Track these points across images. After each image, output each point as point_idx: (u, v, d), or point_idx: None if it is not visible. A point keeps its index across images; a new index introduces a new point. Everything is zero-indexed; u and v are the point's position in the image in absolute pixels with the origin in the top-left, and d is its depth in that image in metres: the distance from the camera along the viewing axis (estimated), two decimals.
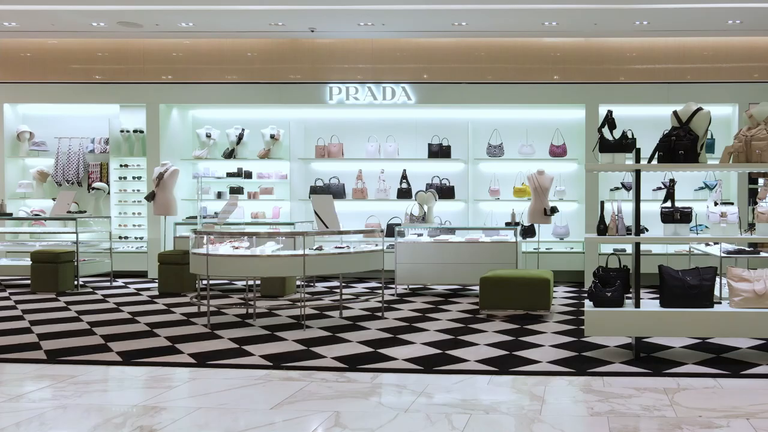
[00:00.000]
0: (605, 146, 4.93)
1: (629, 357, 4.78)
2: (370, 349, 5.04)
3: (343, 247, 6.32)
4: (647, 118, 8.78)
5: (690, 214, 4.90)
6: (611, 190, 9.00)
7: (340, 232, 6.13)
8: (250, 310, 6.39)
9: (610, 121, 5.00)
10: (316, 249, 6.07)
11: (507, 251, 7.79)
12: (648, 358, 4.77)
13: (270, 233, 6.01)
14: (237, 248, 6.09)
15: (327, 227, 6.08)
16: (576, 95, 8.87)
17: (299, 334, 5.59)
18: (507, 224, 8.57)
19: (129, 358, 4.67)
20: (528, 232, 8.71)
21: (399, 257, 7.89)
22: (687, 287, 4.73)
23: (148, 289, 8.17)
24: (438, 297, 7.71)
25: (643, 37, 8.78)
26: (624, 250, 8.79)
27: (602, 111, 8.75)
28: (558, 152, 9.18)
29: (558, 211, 8.19)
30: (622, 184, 8.95)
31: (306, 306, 6.66)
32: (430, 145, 9.26)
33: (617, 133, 4.97)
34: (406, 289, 8.26)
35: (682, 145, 4.71)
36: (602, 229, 4.87)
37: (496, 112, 9.38)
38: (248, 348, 5.04)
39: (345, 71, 9.18)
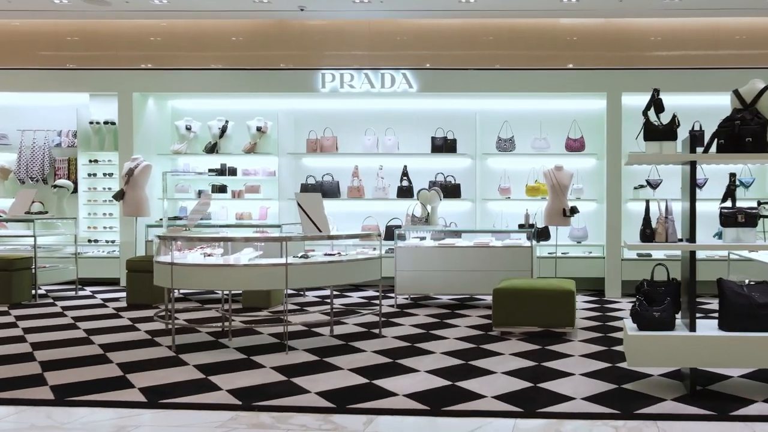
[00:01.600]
0: (651, 133, 4.04)
1: (682, 391, 3.89)
2: (364, 380, 4.14)
3: (333, 254, 5.41)
4: (676, 109, 7.87)
5: (756, 216, 3.99)
6: (635, 188, 8.11)
7: (330, 237, 5.23)
8: (227, 326, 5.48)
9: (657, 102, 4.12)
10: (301, 256, 5.17)
11: (521, 257, 6.89)
12: (705, 393, 3.87)
13: (247, 238, 5.10)
14: (209, 256, 5.19)
15: (320, 231, 5.17)
16: (596, 83, 7.95)
17: (280, 358, 4.69)
18: (520, 226, 7.66)
19: (63, 396, 3.76)
20: (542, 234, 7.82)
21: (399, 264, 6.99)
22: (755, 306, 3.84)
23: (116, 299, 7.26)
24: (443, 309, 6.82)
25: (672, 17, 7.88)
26: (650, 255, 7.91)
27: (625, 100, 7.90)
28: (575, 146, 8.29)
29: (578, 211, 7.29)
30: (647, 181, 8.04)
31: (291, 323, 5.77)
32: (433, 138, 8.38)
33: (665, 118, 4.08)
34: (406, 299, 7.36)
35: (749, 130, 3.81)
36: (648, 234, 3.97)
37: (507, 102, 8.48)
38: (216, 379, 4.13)
39: (339, 56, 8.29)
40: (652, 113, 4.09)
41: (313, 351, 4.92)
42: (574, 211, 7.15)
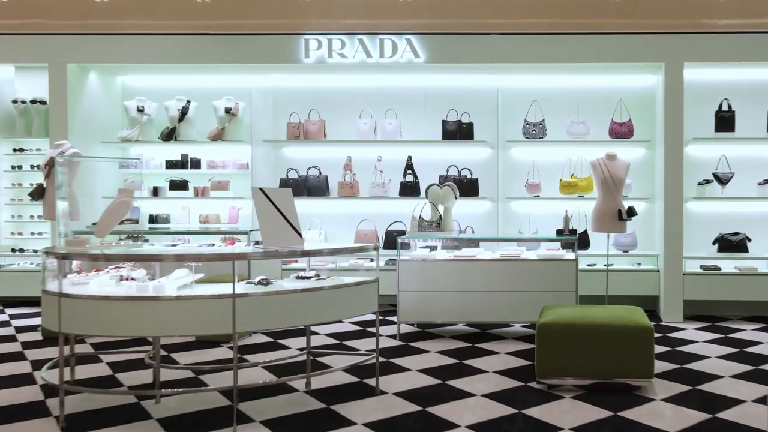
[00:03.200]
0: None
1: None
2: None
3: (309, 277, 3.75)
4: (752, 85, 6.33)
5: None
6: (699, 183, 6.47)
7: (304, 253, 3.58)
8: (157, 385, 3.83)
9: None
10: (260, 282, 3.51)
11: (562, 273, 5.29)
12: None
13: (179, 256, 3.44)
14: (127, 280, 3.54)
15: (301, 238, 3.55)
16: (649, 51, 6.28)
17: None
18: (558, 232, 6.01)
19: None
20: (579, 241, 6.16)
21: (402, 281, 5.35)
22: None
23: (37, 327, 5.61)
24: (460, 341, 5.17)
25: None
26: (717, 268, 6.27)
27: (687, 73, 6.24)
28: (622, 132, 6.64)
29: (636, 213, 5.61)
30: (714, 175, 6.41)
31: (252, 366, 4.12)
32: (444, 122, 6.76)
33: None
34: (412, 326, 5.72)
35: None
36: None
37: (536, 77, 6.86)
38: None
39: (327, 20, 6.62)
40: None
41: (276, 425, 3.27)
42: (631, 212, 5.50)
